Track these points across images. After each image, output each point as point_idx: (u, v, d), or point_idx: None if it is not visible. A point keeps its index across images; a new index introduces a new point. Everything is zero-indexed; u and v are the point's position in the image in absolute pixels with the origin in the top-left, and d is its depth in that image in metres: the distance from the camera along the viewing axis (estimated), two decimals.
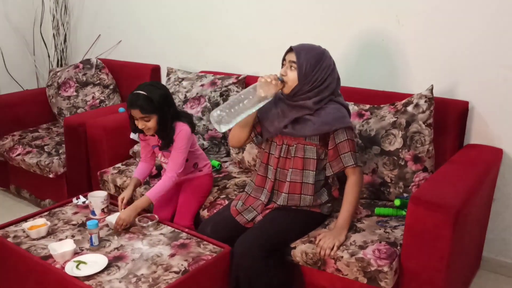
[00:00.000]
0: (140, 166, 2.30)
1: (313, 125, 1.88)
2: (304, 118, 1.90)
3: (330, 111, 1.88)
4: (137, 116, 2.07)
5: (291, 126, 1.91)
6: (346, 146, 1.88)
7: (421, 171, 2.09)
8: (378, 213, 2.04)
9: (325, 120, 1.87)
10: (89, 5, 3.72)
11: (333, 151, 1.90)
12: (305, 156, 1.92)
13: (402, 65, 2.41)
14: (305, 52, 1.85)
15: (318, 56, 1.86)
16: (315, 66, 1.84)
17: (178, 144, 2.12)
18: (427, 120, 2.09)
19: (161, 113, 2.07)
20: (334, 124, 1.86)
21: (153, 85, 2.12)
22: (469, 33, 2.20)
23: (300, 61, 1.84)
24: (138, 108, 2.04)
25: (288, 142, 1.94)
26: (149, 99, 2.04)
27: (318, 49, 1.89)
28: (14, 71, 3.81)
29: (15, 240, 1.95)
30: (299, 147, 1.92)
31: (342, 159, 1.88)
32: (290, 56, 1.87)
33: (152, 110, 2.05)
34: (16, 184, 3.28)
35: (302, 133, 1.90)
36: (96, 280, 1.68)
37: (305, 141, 1.91)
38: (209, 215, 2.18)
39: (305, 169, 1.93)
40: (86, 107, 3.32)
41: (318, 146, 1.91)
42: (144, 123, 2.07)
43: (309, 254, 1.86)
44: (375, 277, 1.73)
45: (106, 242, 1.92)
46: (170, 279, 1.68)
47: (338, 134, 1.87)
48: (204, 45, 3.15)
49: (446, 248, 1.66)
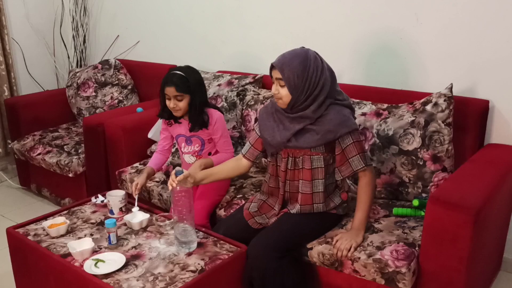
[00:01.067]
0: (155, 156, 2.35)
1: (317, 135, 1.83)
2: (307, 128, 1.85)
3: (332, 117, 1.82)
4: (170, 94, 2.14)
5: (294, 138, 1.87)
6: (353, 149, 1.83)
7: (440, 171, 2.06)
8: (396, 214, 2.02)
9: (328, 127, 1.81)
10: (107, 7, 3.76)
11: (341, 156, 1.86)
12: (312, 166, 1.89)
13: (421, 64, 2.38)
14: (288, 65, 1.77)
15: (303, 63, 1.77)
16: (302, 75, 1.76)
17: (219, 127, 2.23)
18: (446, 119, 2.06)
19: (194, 96, 2.15)
20: (338, 130, 1.81)
21: (190, 68, 2.22)
22: (489, 31, 2.16)
23: (286, 76, 1.77)
24: (173, 85, 2.11)
25: (294, 154, 1.91)
26: (185, 78, 2.13)
27: (300, 54, 1.78)
28: (34, 71, 3.87)
29: (35, 238, 1.98)
30: (306, 158, 1.88)
31: (351, 163, 1.85)
32: (275, 73, 1.81)
33: (187, 89, 2.12)
34: (37, 183, 3.34)
35: (307, 144, 1.86)
36: (114, 278, 1.69)
37: (311, 151, 1.87)
38: (225, 215, 2.19)
39: (314, 179, 1.90)
40: (104, 107, 3.36)
41: (325, 154, 1.88)
42: (176, 102, 2.14)
43: (326, 255, 1.85)
44: (393, 278, 1.71)
45: (124, 241, 1.94)
46: (187, 278, 1.69)
47: (344, 138, 1.83)
48: (221, 45, 3.15)
49: (466, 249, 1.63)
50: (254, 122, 2.57)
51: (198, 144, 2.26)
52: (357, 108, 2.26)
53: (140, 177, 2.25)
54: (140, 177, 2.26)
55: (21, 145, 3.23)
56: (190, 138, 2.26)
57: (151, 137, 2.78)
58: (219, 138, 2.25)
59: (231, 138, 2.70)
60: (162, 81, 2.16)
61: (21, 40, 3.75)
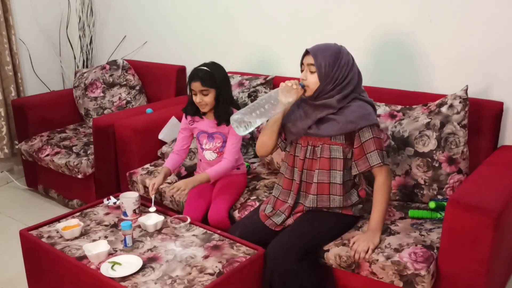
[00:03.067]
0: (171, 157, 2.34)
1: (338, 124, 1.85)
2: (328, 117, 1.87)
3: (354, 109, 1.85)
4: (196, 89, 2.16)
5: (316, 126, 1.89)
6: (372, 144, 1.84)
7: (456, 173, 2.06)
8: (412, 216, 2.01)
9: (349, 118, 1.84)
10: (114, 7, 3.75)
11: (359, 150, 1.86)
12: (331, 156, 1.89)
13: (434, 65, 2.37)
14: (322, 52, 1.83)
15: (335, 54, 1.84)
16: (334, 64, 1.82)
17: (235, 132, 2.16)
18: (461, 121, 2.05)
19: (220, 90, 2.17)
20: (359, 122, 1.83)
21: (214, 63, 2.25)
22: (504, 32, 2.16)
23: (318, 62, 1.82)
24: (199, 80, 2.14)
25: (314, 142, 1.92)
26: (211, 73, 2.16)
27: (334, 47, 1.86)
28: (40, 72, 3.85)
29: (49, 240, 1.97)
30: (325, 147, 1.89)
31: (368, 158, 1.85)
32: (307, 59, 1.86)
33: (212, 84, 2.15)
34: (44, 184, 3.32)
35: (327, 132, 1.88)
36: (131, 281, 1.68)
37: (331, 140, 1.88)
38: (240, 217, 2.18)
39: (332, 169, 1.90)
40: (112, 108, 3.35)
41: (344, 145, 1.88)
42: (202, 97, 2.16)
43: (343, 257, 1.84)
44: (411, 281, 1.71)
45: (139, 243, 1.93)
46: (205, 281, 1.68)
47: (364, 132, 1.84)
48: (230, 46, 3.14)
49: (487, 252, 1.62)
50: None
51: (220, 140, 2.28)
52: None
53: (157, 178, 2.24)
54: (157, 177, 2.24)
55: (28, 146, 3.22)
56: (213, 134, 2.27)
57: (161, 138, 2.77)
58: (229, 140, 2.24)
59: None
60: (189, 77, 2.21)
61: (28, 41, 3.74)
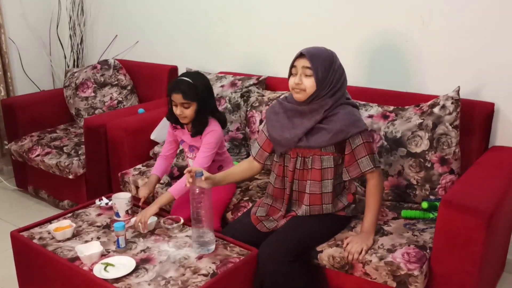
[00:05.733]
0: (159, 163, 2.31)
1: (328, 134, 1.82)
2: (317, 127, 1.85)
3: (342, 117, 1.82)
4: (177, 102, 2.08)
5: (305, 138, 1.86)
6: (362, 150, 1.83)
7: (448, 173, 2.07)
8: (405, 216, 2.02)
9: (339, 127, 1.81)
10: (105, 6, 3.72)
11: (350, 156, 1.85)
12: (322, 166, 1.87)
13: (427, 66, 2.39)
14: (317, 56, 1.79)
15: (330, 58, 1.82)
16: (329, 69, 1.80)
17: (207, 141, 2.13)
18: (453, 122, 2.07)
19: (201, 103, 2.09)
20: (349, 130, 1.81)
21: (198, 74, 2.16)
22: (495, 34, 2.18)
23: (315, 66, 1.78)
24: (181, 93, 2.05)
25: (303, 154, 1.89)
26: (193, 86, 2.06)
27: (326, 51, 1.84)
28: (30, 71, 3.82)
29: (40, 241, 1.95)
30: (316, 158, 1.87)
31: (359, 164, 1.84)
32: (302, 62, 1.81)
33: (194, 97, 2.06)
34: (34, 185, 3.29)
35: (318, 144, 1.85)
36: (125, 282, 1.67)
37: (321, 151, 1.86)
38: (233, 218, 2.18)
39: (323, 180, 1.88)
40: (104, 108, 3.33)
41: (335, 154, 1.87)
42: (183, 109, 2.08)
43: (337, 258, 1.84)
44: (405, 281, 1.72)
45: (132, 244, 1.92)
46: (199, 282, 1.67)
47: (354, 139, 1.83)
48: (222, 46, 3.14)
49: (478, 252, 1.64)
50: (259, 123, 2.57)
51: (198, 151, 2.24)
52: (364, 110, 2.26)
53: (147, 189, 2.22)
54: (147, 188, 2.22)
55: (18, 146, 3.19)
56: (192, 146, 2.24)
57: (153, 138, 2.76)
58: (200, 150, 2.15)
59: (235, 139, 2.70)
60: (169, 87, 2.10)
61: (18, 40, 3.70)
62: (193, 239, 1.87)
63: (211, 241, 1.86)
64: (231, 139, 2.70)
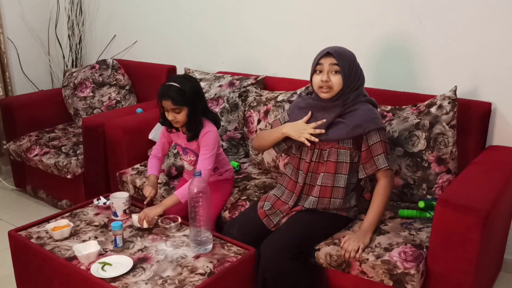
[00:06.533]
0: (154, 162, 2.30)
1: (346, 127, 1.88)
2: (337, 121, 1.90)
3: (362, 113, 1.88)
4: (168, 107, 2.08)
5: (325, 131, 1.91)
6: (379, 147, 1.87)
7: (445, 173, 2.08)
8: (402, 215, 2.03)
9: (358, 122, 1.87)
10: (104, 6, 3.73)
11: (366, 153, 1.89)
12: (338, 160, 1.91)
13: (424, 66, 2.39)
14: (342, 53, 1.87)
15: (351, 56, 1.90)
16: (353, 66, 1.88)
17: (205, 143, 2.12)
18: (450, 122, 2.07)
19: (192, 107, 2.08)
20: (367, 126, 1.86)
21: (186, 78, 2.14)
22: (492, 34, 2.18)
23: (341, 63, 1.85)
24: (170, 99, 2.05)
25: (321, 146, 1.94)
26: (182, 91, 2.05)
27: (348, 50, 1.92)
28: (29, 71, 3.82)
29: (38, 241, 1.95)
30: (333, 151, 1.91)
31: (375, 161, 1.88)
32: (328, 60, 1.86)
33: (184, 102, 2.05)
34: (33, 185, 3.29)
35: (336, 136, 1.90)
36: (122, 281, 1.67)
37: (339, 145, 1.91)
38: (230, 217, 2.18)
39: (337, 173, 1.92)
40: (102, 107, 3.33)
41: (352, 149, 1.91)
42: (174, 115, 2.08)
43: (334, 256, 1.85)
44: (401, 280, 1.72)
45: (129, 244, 1.92)
46: (196, 281, 1.67)
47: (371, 135, 1.87)
48: (220, 45, 3.14)
49: (475, 251, 1.64)
50: (257, 123, 2.57)
51: (193, 155, 2.23)
52: None
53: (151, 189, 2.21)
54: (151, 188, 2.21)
55: (17, 146, 3.19)
56: (186, 149, 2.24)
57: (152, 138, 2.76)
58: (200, 153, 2.15)
59: (233, 139, 2.70)
60: (159, 93, 2.09)
61: (16, 40, 3.70)
62: (190, 239, 1.87)
63: (209, 240, 1.86)
64: (229, 138, 2.71)
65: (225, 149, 2.67)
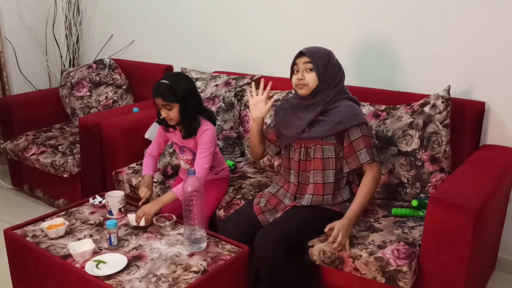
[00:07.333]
0: (149, 162, 2.30)
1: (328, 125, 1.93)
2: (318, 119, 1.95)
3: (343, 110, 1.93)
4: (159, 104, 2.11)
5: (307, 129, 1.97)
6: (361, 142, 1.91)
7: (438, 172, 2.09)
8: (395, 214, 2.04)
9: (339, 119, 1.92)
10: (101, 5, 3.74)
11: (349, 148, 1.93)
12: (324, 156, 1.96)
13: (418, 66, 2.40)
14: (316, 53, 1.93)
15: (327, 54, 1.95)
16: (328, 64, 1.93)
17: (203, 141, 2.14)
18: (444, 121, 2.08)
19: (183, 103, 2.09)
20: (348, 122, 1.91)
21: (177, 75, 2.17)
22: (485, 34, 2.20)
23: (315, 61, 1.91)
24: (160, 96, 2.08)
25: (306, 145, 1.99)
26: (171, 87, 2.07)
27: (324, 49, 1.97)
28: (26, 71, 3.83)
29: (33, 239, 1.96)
30: (317, 148, 1.97)
31: (358, 156, 1.92)
32: (302, 60, 1.94)
33: (174, 98, 2.07)
34: (30, 184, 3.30)
35: (319, 134, 1.95)
36: (116, 279, 1.68)
37: (323, 141, 1.96)
38: (225, 215, 2.19)
39: (325, 169, 1.97)
40: (99, 107, 3.34)
41: (336, 144, 1.96)
42: (167, 111, 2.10)
43: (327, 252, 1.86)
44: (393, 277, 1.73)
45: (124, 242, 1.93)
46: (190, 278, 1.68)
47: (353, 131, 1.91)
48: (217, 45, 3.15)
49: (466, 249, 1.66)
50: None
51: (189, 153, 2.24)
52: None
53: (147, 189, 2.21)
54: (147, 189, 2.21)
55: (14, 145, 3.20)
56: (182, 148, 2.26)
57: (148, 137, 2.77)
58: (197, 152, 2.16)
59: (229, 138, 2.72)
60: (152, 92, 2.12)
61: (14, 39, 3.71)
62: (185, 237, 1.89)
63: (203, 238, 1.87)
64: (225, 137, 2.72)
65: (221, 148, 2.68)
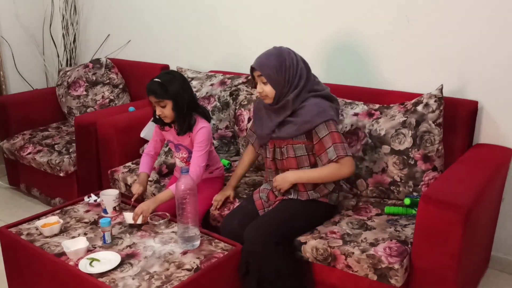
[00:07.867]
0: (146, 160, 2.33)
1: (295, 125, 1.96)
2: (287, 120, 1.98)
3: (309, 109, 1.94)
4: (153, 102, 2.14)
5: (277, 129, 2.00)
6: (328, 140, 1.91)
7: (431, 171, 2.10)
8: (388, 212, 2.05)
9: (305, 119, 1.93)
10: (98, 5, 3.75)
11: (319, 146, 1.95)
12: (296, 154, 1.99)
13: (411, 65, 2.41)
14: (265, 63, 1.92)
15: (278, 58, 1.92)
16: (280, 69, 1.91)
17: (199, 139, 2.15)
18: (436, 120, 2.10)
19: (176, 100, 2.11)
20: (315, 121, 1.92)
21: (169, 73, 2.19)
22: (479, 33, 2.21)
23: (266, 73, 1.91)
24: (152, 93, 2.11)
25: (278, 144, 2.03)
26: (163, 85, 2.09)
27: (274, 52, 1.94)
28: (23, 70, 3.84)
29: (28, 237, 1.98)
30: (289, 148, 2.00)
31: (328, 153, 1.93)
32: (256, 74, 1.96)
33: (166, 95, 2.09)
34: (26, 183, 3.31)
35: (288, 134, 1.98)
36: (109, 277, 1.70)
37: (293, 140, 1.98)
38: (219, 214, 2.20)
39: (300, 167, 2.01)
40: (95, 106, 3.35)
41: (307, 142, 1.97)
42: (161, 109, 2.13)
43: (320, 249, 1.87)
44: (385, 274, 1.74)
45: (118, 240, 1.94)
46: (182, 276, 1.70)
47: (320, 129, 1.92)
48: (213, 45, 3.16)
49: (457, 247, 1.67)
50: (248, 121, 2.59)
51: (185, 151, 2.26)
52: (349, 108, 2.29)
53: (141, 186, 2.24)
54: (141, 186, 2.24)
55: (10, 144, 3.21)
56: (178, 146, 2.27)
57: (143, 136, 2.78)
58: (193, 150, 2.18)
59: (224, 137, 2.73)
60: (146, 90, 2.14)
61: (10, 39, 3.72)
62: (178, 235, 1.90)
63: (196, 236, 1.89)
64: (220, 137, 2.73)
65: (216, 147, 2.69)
